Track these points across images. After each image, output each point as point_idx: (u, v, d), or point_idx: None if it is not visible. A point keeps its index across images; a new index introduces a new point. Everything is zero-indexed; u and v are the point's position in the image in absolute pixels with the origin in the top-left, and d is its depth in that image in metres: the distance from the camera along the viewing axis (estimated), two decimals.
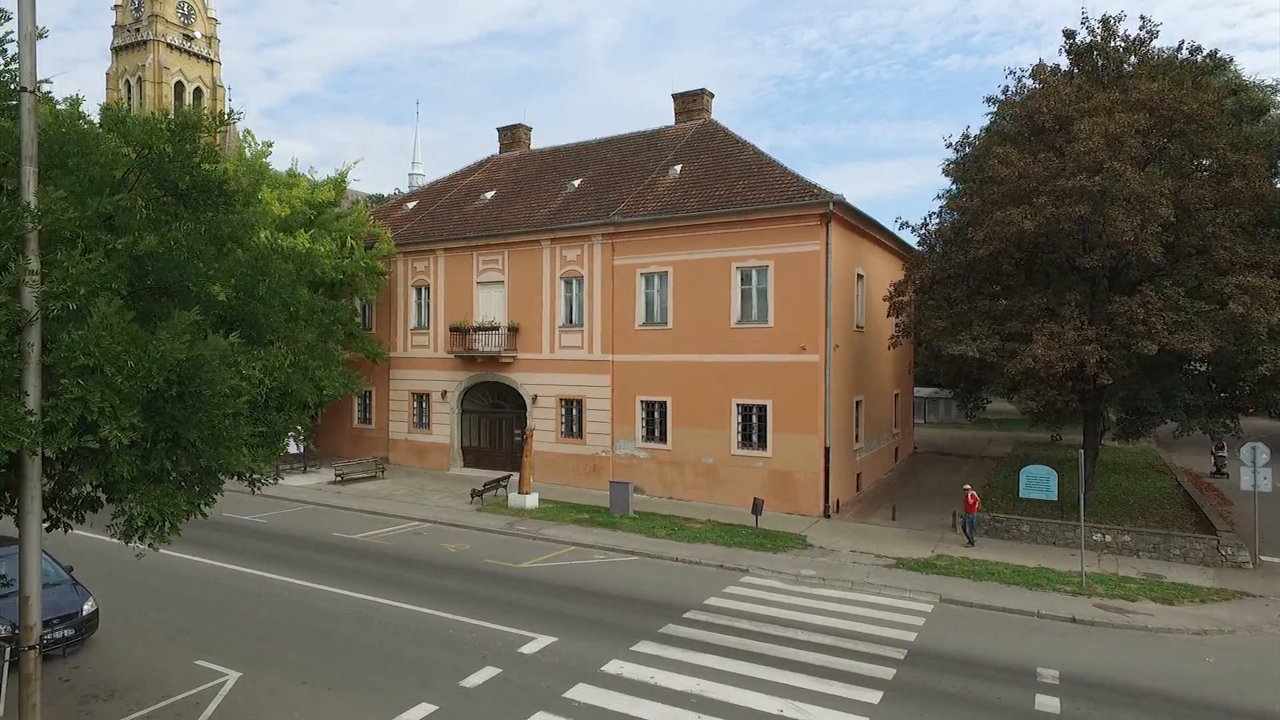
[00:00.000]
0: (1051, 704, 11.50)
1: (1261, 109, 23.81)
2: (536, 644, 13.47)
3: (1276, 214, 21.45)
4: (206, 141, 7.20)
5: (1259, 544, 19.76)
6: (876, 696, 11.64)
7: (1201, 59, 22.38)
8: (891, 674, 12.49)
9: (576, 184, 32.19)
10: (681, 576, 18.08)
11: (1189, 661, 13.38)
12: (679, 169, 29.67)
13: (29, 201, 6.10)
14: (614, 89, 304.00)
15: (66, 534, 8.32)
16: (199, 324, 6.41)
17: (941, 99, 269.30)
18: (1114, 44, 23.07)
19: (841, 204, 24.72)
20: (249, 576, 17.40)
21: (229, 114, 8.35)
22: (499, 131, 39.93)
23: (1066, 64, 23.85)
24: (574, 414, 29.31)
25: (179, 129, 7.12)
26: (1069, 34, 23.54)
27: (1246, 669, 13.05)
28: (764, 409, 25.44)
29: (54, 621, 12.10)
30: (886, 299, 26.23)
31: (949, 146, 26.32)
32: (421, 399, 33.53)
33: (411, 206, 37.71)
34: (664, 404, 27.32)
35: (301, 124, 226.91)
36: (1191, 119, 20.18)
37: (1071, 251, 21.22)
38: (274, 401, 8.24)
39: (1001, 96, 24.05)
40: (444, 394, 32.54)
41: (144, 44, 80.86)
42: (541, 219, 30.51)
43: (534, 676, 12.10)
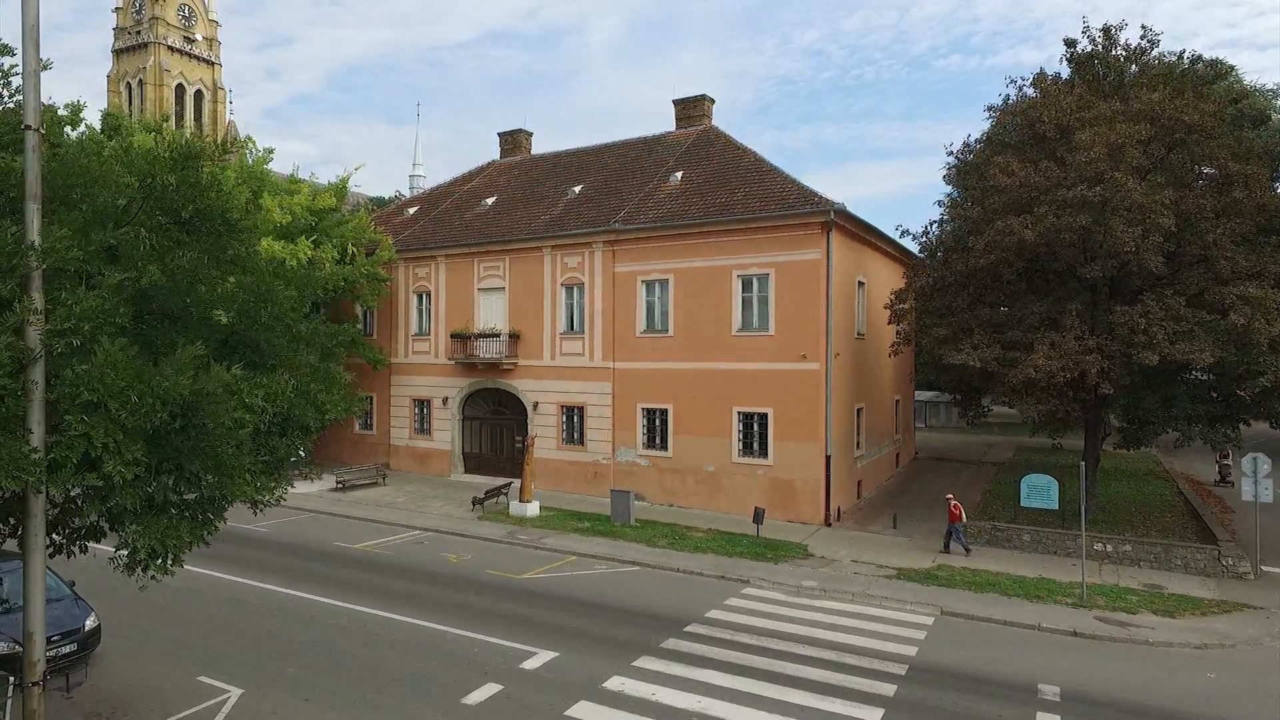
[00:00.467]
0: None
1: (1262, 118, 23.80)
2: (538, 659, 13.48)
3: (1278, 223, 21.44)
4: (210, 170, 7.21)
5: (1260, 554, 19.76)
6: (878, 715, 11.65)
7: (1202, 68, 22.39)
8: (892, 690, 12.50)
9: (577, 190, 32.20)
10: (682, 588, 18.10)
11: (1190, 677, 13.38)
12: (680, 176, 29.68)
13: (34, 240, 6.13)
14: (615, 89, 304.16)
15: (69, 559, 8.36)
16: (203, 357, 6.43)
17: (942, 99, 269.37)
18: (1115, 53, 23.09)
19: (842, 212, 24.72)
20: (251, 588, 17.42)
21: (232, 141, 8.35)
22: (500, 137, 39.98)
23: (1067, 72, 23.89)
24: (575, 421, 29.33)
25: (182, 158, 7.14)
26: (1070, 43, 23.55)
27: (1247, 685, 13.05)
28: (765, 417, 25.46)
29: (56, 638, 12.09)
30: (887, 307, 26.24)
31: (950, 155, 26.38)
32: (423, 405, 33.55)
33: (412, 212, 37.74)
34: (665, 411, 27.34)
35: (302, 124, 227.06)
36: (1193, 129, 20.19)
37: (1073, 261, 21.23)
38: (276, 427, 8.26)
39: (1002, 105, 24.08)
40: (445, 400, 32.57)
41: (145, 46, 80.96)
42: (542, 226, 30.52)
43: (536, 694, 12.12)
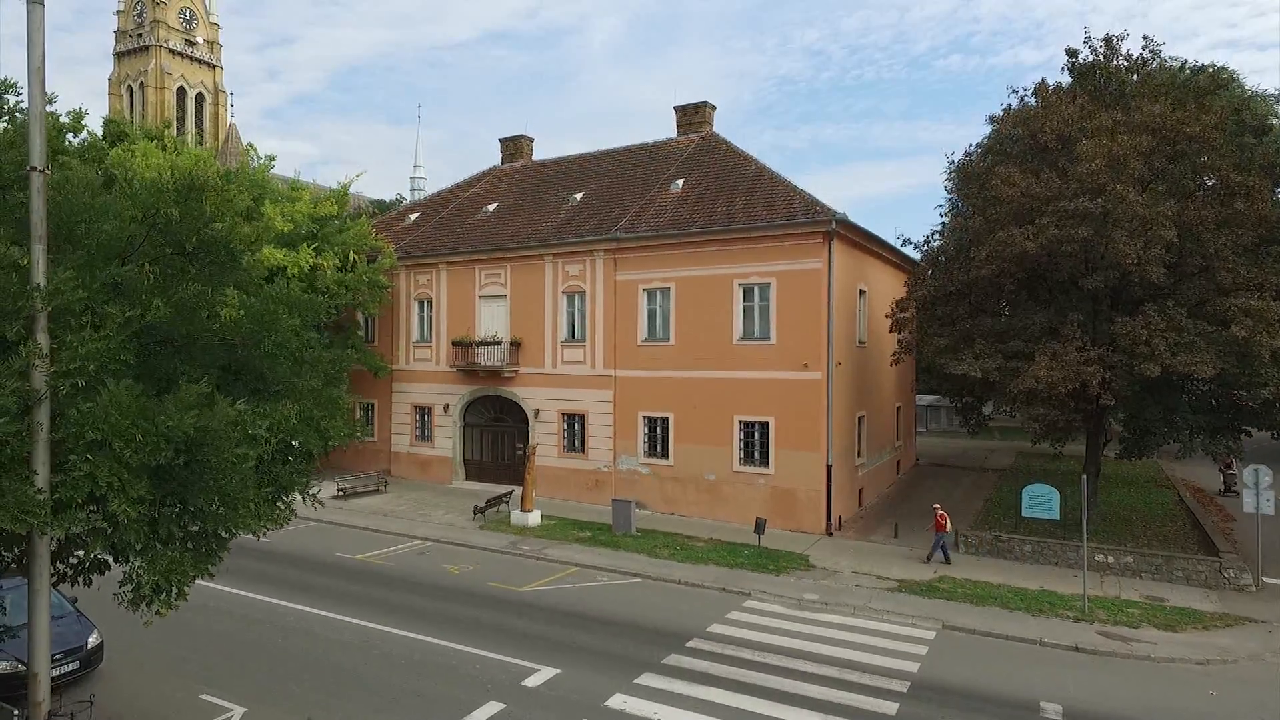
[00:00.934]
0: None
1: (1264, 127, 23.78)
2: (540, 676, 13.49)
3: (1279, 235, 21.44)
4: (214, 201, 7.22)
5: (1261, 565, 19.75)
6: None
7: (1204, 79, 22.39)
8: (895, 709, 12.50)
9: (578, 197, 32.21)
10: (684, 601, 18.10)
11: (1192, 694, 13.38)
12: (681, 183, 29.68)
13: (39, 282, 6.14)
14: (615, 89, 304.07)
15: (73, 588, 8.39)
16: (207, 394, 6.43)
17: (943, 99, 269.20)
18: (1116, 62, 23.10)
19: (844, 222, 24.73)
20: (252, 602, 17.43)
21: (234, 172, 8.36)
22: (501, 143, 39.97)
23: (1069, 79, 23.90)
24: (576, 429, 29.34)
25: (185, 190, 7.15)
26: (1071, 53, 23.58)
27: (1249, 702, 13.05)
28: (766, 426, 25.46)
29: (58, 656, 12.08)
30: (888, 315, 26.24)
31: (951, 164, 26.38)
32: (424, 412, 33.57)
33: (414, 218, 37.76)
34: (666, 420, 27.35)
35: (303, 124, 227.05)
36: (1194, 140, 20.20)
37: (1074, 272, 21.24)
38: (279, 455, 8.27)
39: (1003, 115, 24.07)
40: (446, 407, 32.58)
41: (146, 49, 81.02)
42: (543, 233, 30.53)
43: (538, 712, 12.13)
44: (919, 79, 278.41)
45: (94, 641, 13.03)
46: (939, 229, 27.04)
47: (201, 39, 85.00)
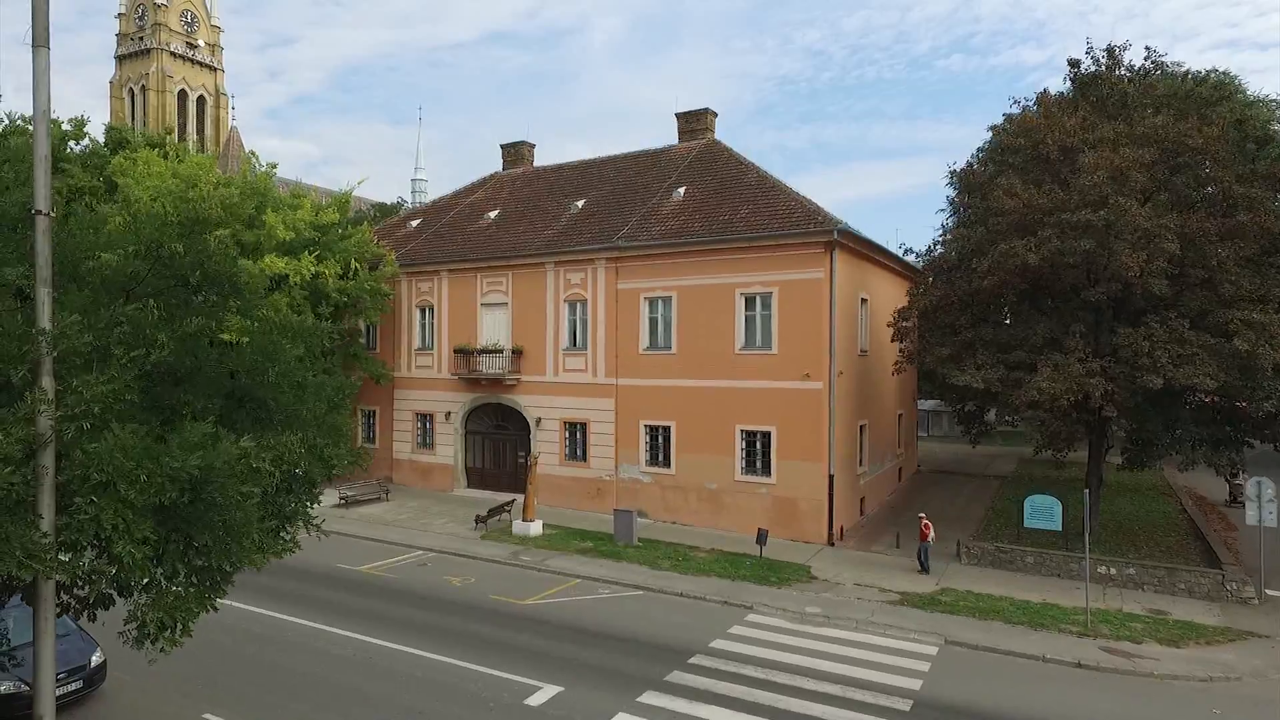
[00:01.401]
0: None
1: (1266, 138, 23.75)
2: (543, 694, 13.48)
3: None
4: (219, 236, 7.23)
5: (1264, 578, 19.73)
6: None
7: (1206, 91, 22.36)
8: None
9: (580, 205, 32.20)
10: (686, 614, 18.09)
11: (1195, 713, 13.36)
12: (683, 191, 29.68)
13: (45, 326, 6.13)
14: (616, 89, 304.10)
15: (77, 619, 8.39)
16: (211, 434, 6.43)
17: (943, 99, 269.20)
18: (1119, 72, 23.08)
19: (846, 232, 24.73)
20: (255, 616, 17.42)
21: (236, 202, 8.34)
22: (502, 149, 39.96)
23: (1070, 88, 23.88)
24: (578, 437, 29.34)
25: (190, 225, 7.15)
26: (1073, 63, 23.58)
27: None
28: (768, 435, 25.46)
29: (62, 675, 12.09)
30: (890, 324, 26.23)
31: (952, 174, 26.35)
32: (425, 419, 33.57)
33: (415, 225, 37.75)
34: (668, 429, 27.34)
35: (304, 124, 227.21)
36: (1197, 153, 20.18)
37: (1076, 283, 21.22)
38: (283, 485, 8.27)
39: (1005, 126, 24.07)
40: (448, 415, 32.59)
41: (147, 53, 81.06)
42: (545, 241, 30.53)
43: None
44: (920, 79, 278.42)
45: (97, 660, 13.03)
46: (940, 238, 26.97)
47: (203, 42, 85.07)
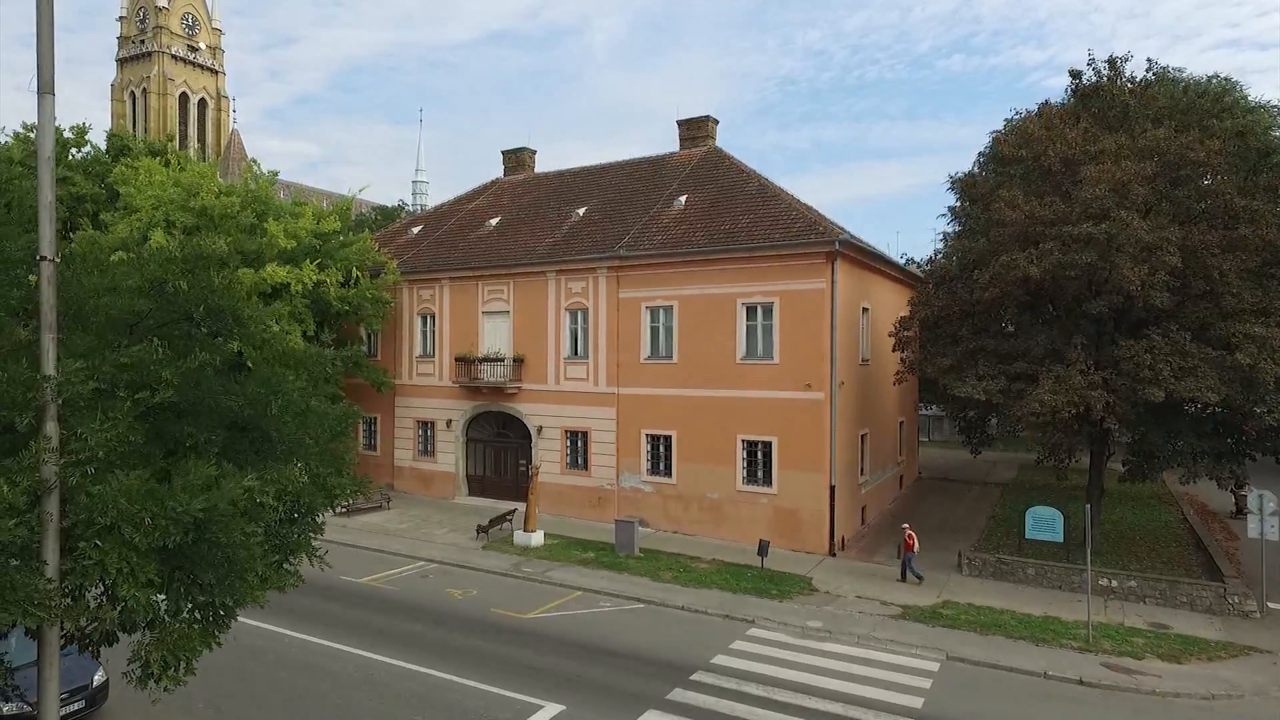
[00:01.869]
0: None
1: (1268, 149, 23.69)
2: (545, 714, 13.48)
3: None
4: (224, 274, 7.23)
5: (1266, 591, 19.72)
6: None
7: (1208, 102, 22.33)
8: None
9: (581, 212, 32.21)
10: (688, 629, 18.09)
11: None
12: (684, 200, 29.67)
13: (49, 373, 6.14)
14: (617, 89, 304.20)
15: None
16: (214, 477, 6.43)
17: (944, 99, 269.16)
18: (1120, 83, 23.06)
19: (847, 242, 24.74)
20: (257, 631, 17.38)
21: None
22: (504, 155, 40.00)
23: (1071, 99, 23.85)
24: (579, 446, 29.35)
25: (193, 261, 7.16)
26: (1075, 74, 23.58)
27: None
28: (769, 445, 25.46)
29: (64, 695, 12.09)
30: (891, 334, 26.23)
31: (953, 182, 26.32)
32: (426, 427, 33.58)
33: (416, 232, 37.76)
34: (669, 438, 27.34)
35: (305, 125, 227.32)
36: (1199, 166, 20.16)
37: (1078, 295, 21.20)
38: (286, 516, 8.27)
39: (1006, 135, 24.05)
40: (449, 423, 32.60)
41: (148, 55, 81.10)
42: (546, 250, 30.54)
43: None
44: (921, 79, 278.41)
45: (99, 679, 13.05)
46: (941, 247, 26.95)
47: (204, 44, 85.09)
